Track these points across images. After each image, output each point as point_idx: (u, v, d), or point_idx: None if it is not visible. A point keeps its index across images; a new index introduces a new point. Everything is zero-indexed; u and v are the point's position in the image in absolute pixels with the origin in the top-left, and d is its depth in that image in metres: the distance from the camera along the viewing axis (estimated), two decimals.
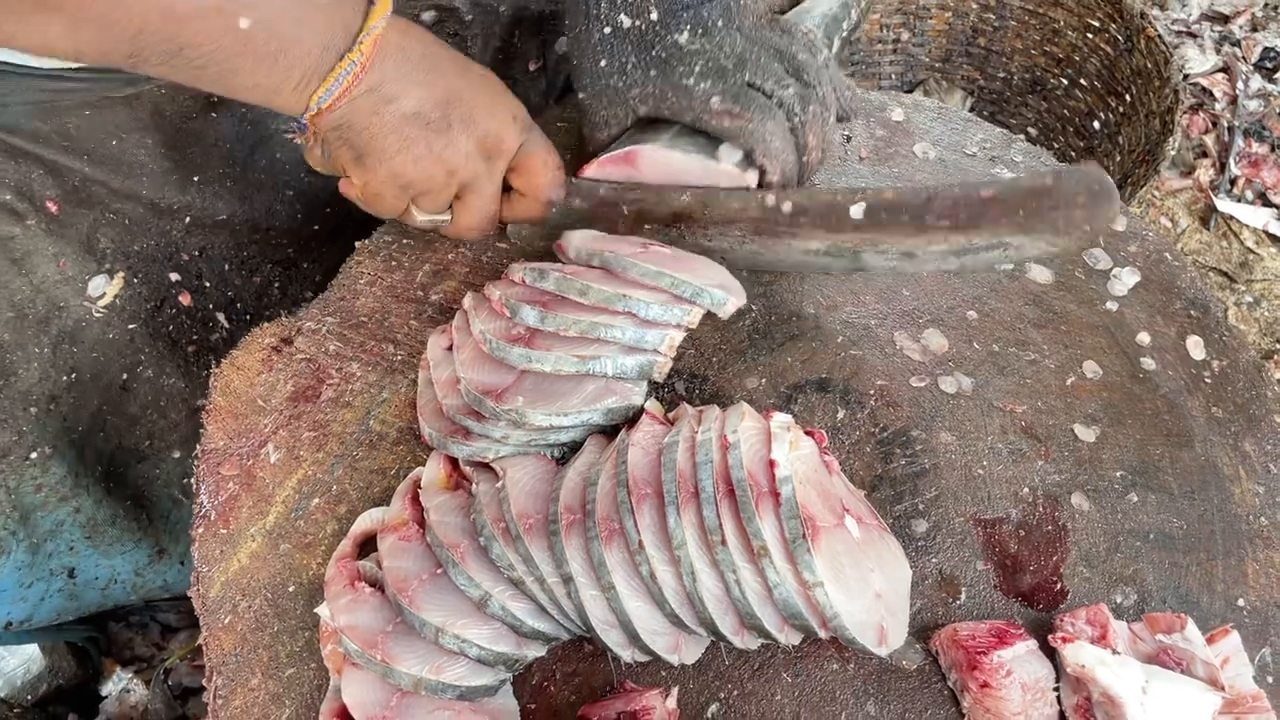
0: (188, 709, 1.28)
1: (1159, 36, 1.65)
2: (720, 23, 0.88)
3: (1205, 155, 1.94)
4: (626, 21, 0.87)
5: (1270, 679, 0.76)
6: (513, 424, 0.77)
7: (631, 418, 0.79)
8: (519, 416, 0.76)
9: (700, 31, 0.87)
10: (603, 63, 0.88)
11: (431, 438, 0.81)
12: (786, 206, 0.84)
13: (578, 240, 0.85)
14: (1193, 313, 0.94)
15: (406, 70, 0.78)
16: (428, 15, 1.10)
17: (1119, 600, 0.79)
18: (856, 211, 0.83)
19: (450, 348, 0.85)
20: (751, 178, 0.87)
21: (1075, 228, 0.79)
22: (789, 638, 0.72)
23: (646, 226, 0.89)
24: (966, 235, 0.81)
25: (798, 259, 0.88)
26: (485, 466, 0.80)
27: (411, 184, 0.82)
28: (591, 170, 0.91)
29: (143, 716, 1.27)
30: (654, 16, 0.87)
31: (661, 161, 0.88)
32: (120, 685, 1.30)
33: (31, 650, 1.28)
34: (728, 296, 0.81)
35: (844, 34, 1.04)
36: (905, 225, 0.82)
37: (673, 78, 0.87)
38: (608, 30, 0.88)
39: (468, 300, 0.86)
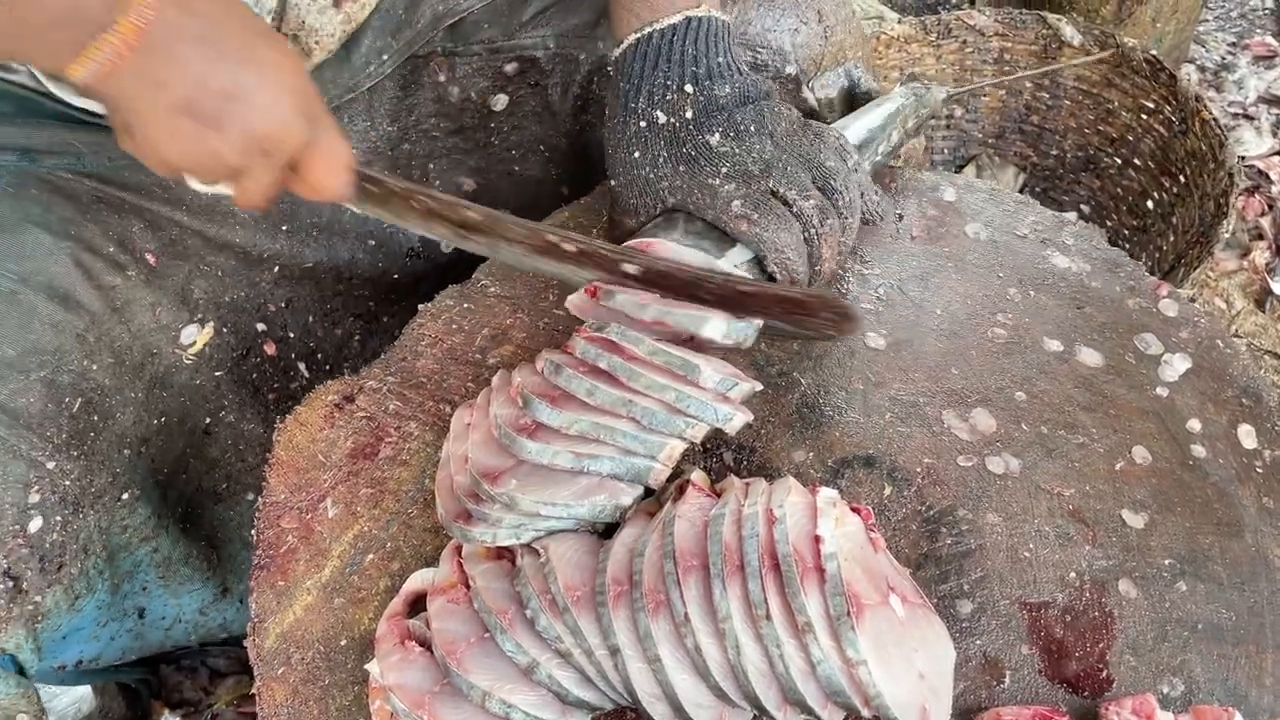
0: None
1: (1214, 119, 1.66)
2: (753, 128, 0.91)
3: (1261, 237, 1.94)
4: (662, 118, 0.91)
5: None
6: (505, 507, 0.78)
7: (674, 490, 0.81)
8: (510, 500, 0.78)
9: (732, 135, 0.90)
10: (636, 154, 0.92)
11: (442, 518, 0.82)
12: (569, 247, 0.86)
13: (582, 344, 0.85)
14: (1245, 401, 0.94)
15: (181, 53, 0.69)
16: (511, 67, 1.15)
17: (1166, 691, 0.78)
18: (629, 269, 0.86)
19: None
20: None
21: (818, 332, 0.90)
22: (831, 715, 0.72)
23: (434, 223, 0.87)
24: (732, 308, 0.86)
25: (576, 282, 0.89)
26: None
27: (178, 169, 0.76)
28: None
29: None
30: (689, 115, 0.90)
31: (673, 254, 0.89)
32: None
33: (84, 690, 1.31)
34: (733, 413, 0.81)
35: (877, 156, 1.07)
36: (678, 290, 0.86)
37: (700, 176, 0.89)
38: (643, 124, 0.91)
39: (496, 379, 0.88)
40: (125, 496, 0.97)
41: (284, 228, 1.11)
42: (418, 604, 0.82)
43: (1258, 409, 0.94)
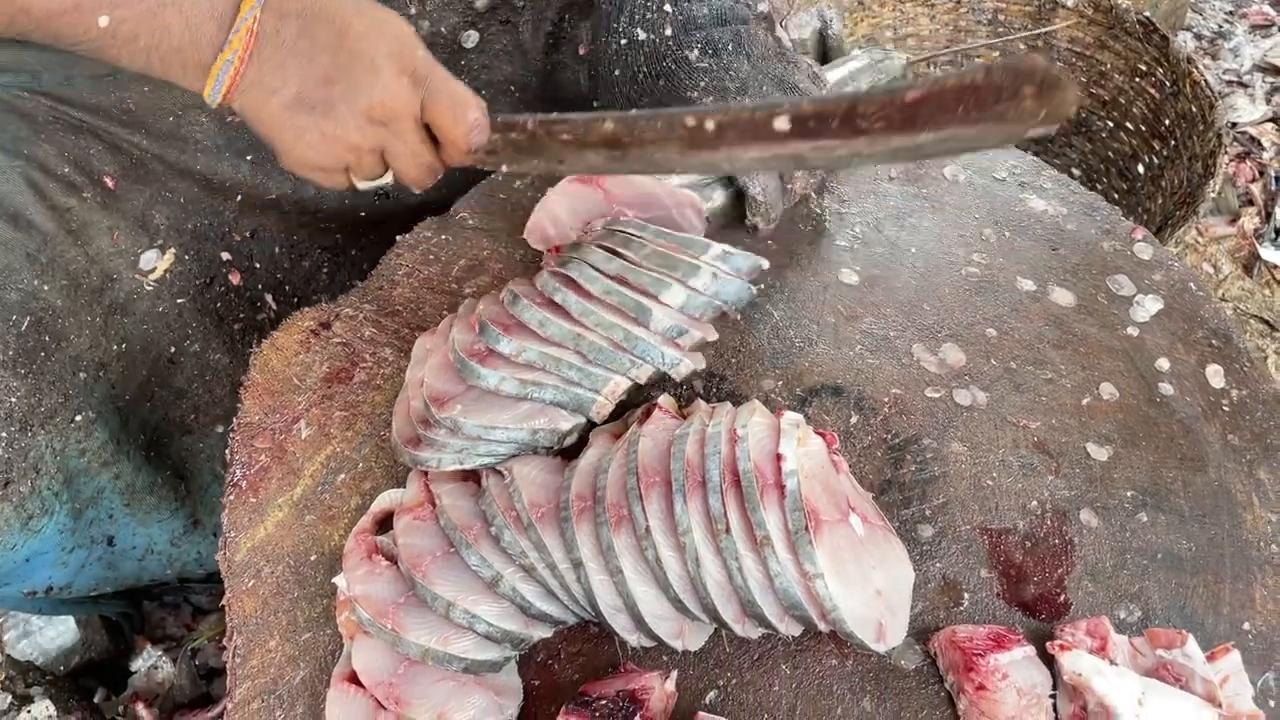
0: (212, 689, 1.31)
1: (1204, 81, 1.66)
2: (730, 46, 0.92)
3: (1251, 203, 1.94)
4: (642, 35, 0.92)
5: (1272, 703, 0.76)
6: (450, 432, 0.79)
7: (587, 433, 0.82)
8: (454, 424, 0.79)
9: (710, 52, 0.92)
10: (617, 72, 0.93)
11: (394, 442, 0.83)
12: (709, 125, 0.77)
13: (544, 276, 0.85)
14: (1214, 342, 0.95)
15: (283, 56, 0.75)
16: (482, 3, 1.14)
17: (1123, 616, 0.79)
18: (780, 124, 0.75)
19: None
20: (716, 195, 0.88)
21: (1026, 116, 0.67)
22: (789, 628, 0.74)
23: (585, 152, 0.82)
24: (906, 135, 0.72)
25: (740, 166, 0.83)
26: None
27: (323, 166, 0.81)
28: (561, 187, 0.91)
29: (168, 693, 1.30)
30: (668, 33, 0.92)
31: (624, 181, 0.89)
32: (149, 662, 1.33)
33: (67, 623, 1.32)
34: (680, 359, 0.82)
35: None
36: (838, 130, 0.74)
37: (678, 89, 0.91)
38: (624, 42, 0.92)
39: (462, 307, 0.89)
40: (79, 419, 0.96)
41: (249, 157, 1.09)
42: (386, 523, 0.83)
43: (1227, 349, 0.94)
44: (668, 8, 0.91)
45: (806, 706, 0.74)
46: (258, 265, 1.12)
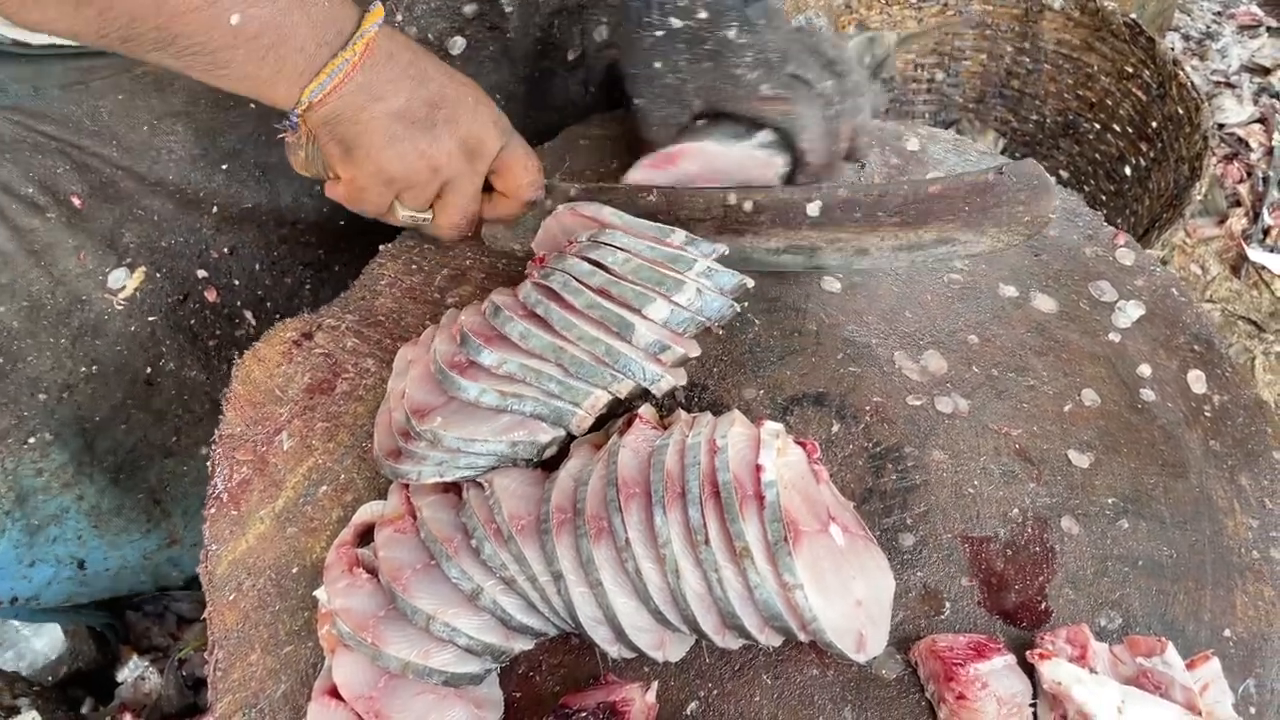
0: (200, 699, 1.31)
1: (1191, 83, 1.66)
2: (763, 22, 0.94)
3: (1239, 204, 1.94)
4: (677, 23, 0.92)
5: (1253, 709, 0.76)
6: (430, 444, 0.79)
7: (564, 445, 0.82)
8: (434, 437, 0.79)
9: (747, 29, 0.93)
10: (657, 64, 0.93)
11: (375, 454, 0.83)
12: (747, 205, 0.91)
13: (527, 287, 0.85)
14: (1196, 347, 0.95)
15: (395, 73, 0.82)
16: (470, 8, 1.14)
17: (1103, 623, 0.79)
18: (813, 209, 0.90)
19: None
20: (778, 161, 0.93)
21: (1015, 222, 0.90)
22: (769, 639, 0.74)
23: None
24: (915, 231, 0.91)
25: (761, 257, 0.93)
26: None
27: (396, 179, 0.86)
28: (638, 173, 0.95)
29: (155, 703, 1.30)
30: (703, 16, 0.93)
31: (699, 152, 0.93)
32: (136, 672, 1.33)
33: (54, 633, 1.32)
34: (661, 375, 0.82)
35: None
36: (858, 222, 0.90)
37: (725, 68, 0.92)
38: (660, 34, 0.93)
39: (445, 317, 0.89)
40: (33, 440, 0.96)
41: (224, 166, 1.09)
42: (367, 536, 0.83)
43: (1208, 355, 0.95)
44: None
45: (788, 716, 0.74)
46: (237, 282, 1.11)
